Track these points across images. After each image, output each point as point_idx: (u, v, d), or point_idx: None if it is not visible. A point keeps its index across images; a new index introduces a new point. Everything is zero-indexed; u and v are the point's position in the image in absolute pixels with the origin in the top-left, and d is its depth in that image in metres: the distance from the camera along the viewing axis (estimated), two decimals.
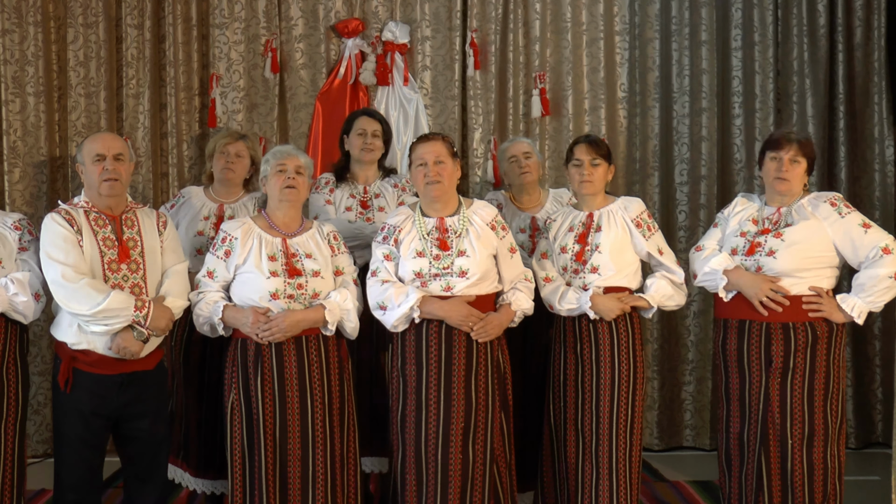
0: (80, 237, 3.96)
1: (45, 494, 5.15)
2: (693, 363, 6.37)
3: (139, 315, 3.91)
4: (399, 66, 6.26)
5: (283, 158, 4.15)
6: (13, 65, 6.09)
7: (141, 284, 4.04)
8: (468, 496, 4.07)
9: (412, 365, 4.13)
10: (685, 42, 6.37)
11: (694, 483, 5.65)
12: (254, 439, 4.02)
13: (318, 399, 4.06)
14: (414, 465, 4.10)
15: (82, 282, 3.86)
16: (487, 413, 4.11)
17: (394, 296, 4.09)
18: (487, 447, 4.11)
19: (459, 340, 4.10)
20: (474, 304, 4.12)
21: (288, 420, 4.01)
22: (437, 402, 4.07)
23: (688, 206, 6.37)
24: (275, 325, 3.97)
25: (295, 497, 4.02)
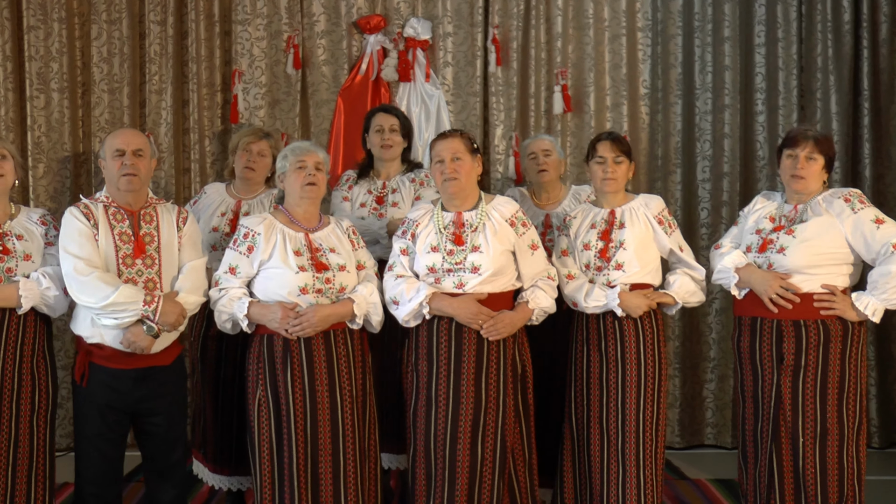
0: (95, 231, 3.98)
1: (67, 488, 5.18)
2: (714, 361, 6.34)
3: (148, 309, 3.92)
4: (421, 63, 6.27)
5: (303, 155, 4.15)
6: (38, 61, 6.14)
7: (155, 279, 4.05)
8: (476, 494, 4.06)
9: (424, 361, 4.14)
10: (708, 38, 6.33)
11: (715, 481, 5.63)
12: (282, 435, 4.01)
13: (346, 393, 4.06)
14: (423, 460, 4.11)
15: (93, 274, 3.89)
16: (498, 412, 4.10)
17: (405, 290, 4.11)
18: (497, 446, 4.09)
19: (469, 338, 4.10)
20: (487, 301, 4.11)
21: (318, 415, 4.00)
22: (446, 399, 4.07)
23: (710, 203, 6.34)
24: (305, 320, 3.97)
25: (327, 491, 4.02)
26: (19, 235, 4.06)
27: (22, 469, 4.01)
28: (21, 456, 4.01)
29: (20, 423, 4.00)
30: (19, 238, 4.05)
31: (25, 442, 4.01)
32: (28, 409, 4.02)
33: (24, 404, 4.01)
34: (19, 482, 4.01)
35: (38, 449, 4.06)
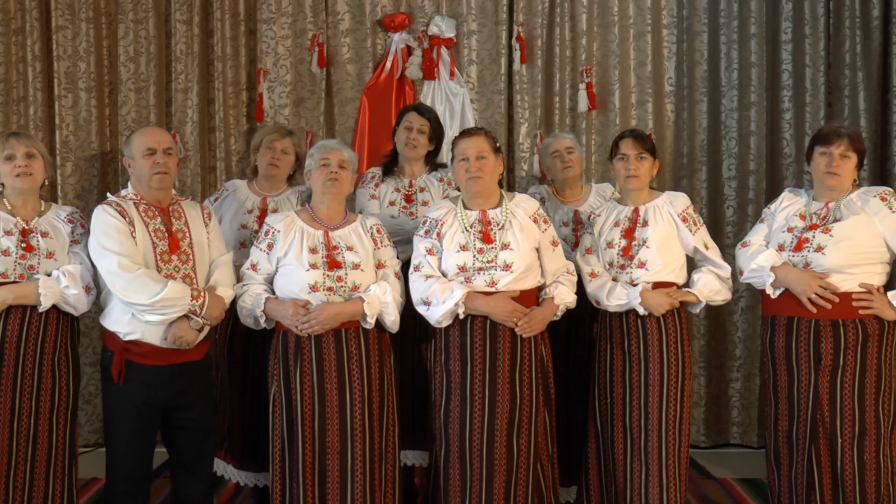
0: (132, 228, 4.00)
1: (96, 483, 5.22)
2: (741, 360, 6.31)
3: (195, 304, 3.96)
4: (445, 61, 6.27)
5: (327, 152, 4.17)
6: (66, 60, 6.20)
7: (191, 275, 4.08)
8: (513, 490, 4.07)
9: (456, 361, 4.13)
10: (734, 35, 6.30)
11: (741, 481, 5.60)
12: (293, 431, 4.04)
13: (357, 392, 4.05)
14: (458, 460, 4.10)
15: (139, 271, 3.90)
16: (532, 408, 4.11)
17: (438, 291, 4.09)
18: (532, 442, 4.10)
19: (504, 336, 4.09)
20: (518, 299, 4.11)
21: (327, 412, 4.02)
22: (482, 398, 4.07)
23: (736, 201, 6.31)
24: (313, 318, 3.98)
25: (333, 490, 4.02)
26: (44, 233, 4.08)
27: (40, 465, 4.04)
28: (40, 452, 4.03)
29: (39, 420, 4.02)
30: (44, 235, 4.08)
31: (45, 439, 4.04)
32: (47, 407, 4.04)
33: (44, 401, 4.04)
34: (37, 479, 4.03)
35: (57, 446, 4.09)
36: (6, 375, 3.96)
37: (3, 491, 3.95)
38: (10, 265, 3.98)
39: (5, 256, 3.98)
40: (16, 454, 3.98)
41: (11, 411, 3.97)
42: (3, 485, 3.95)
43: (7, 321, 3.97)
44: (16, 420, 3.97)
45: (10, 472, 3.97)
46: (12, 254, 3.99)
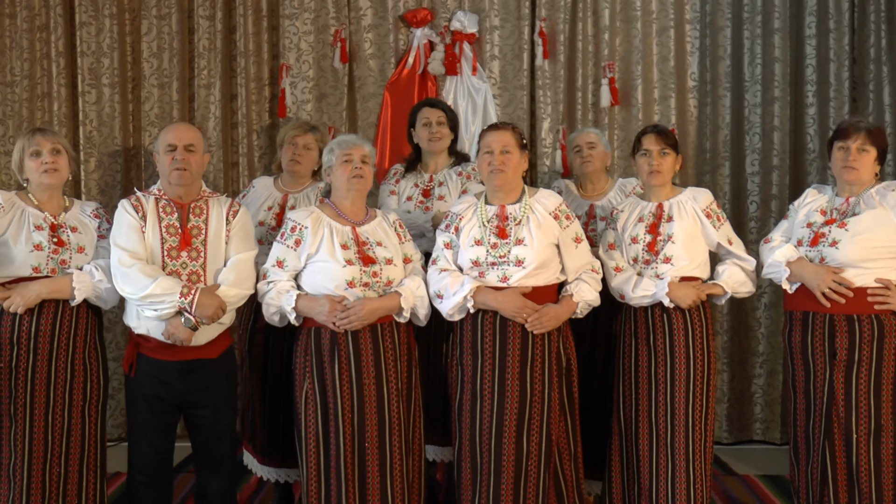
0: (143, 224, 4.03)
1: (120, 477, 5.24)
2: (764, 356, 6.28)
3: (184, 301, 3.94)
4: (468, 56, 6.26)
5: (349, 148, 4.16)
6: (89, 56, 6.23)
7: (200, 272, 4.08)
8: (521, 487, 4.06)
9: (468, 355, 4.14)
10: (757, 30, 6.27)
11: (764, 477, 5.58)
12: (329, 428, 4.02)
13: (393, 386, 4.06)
14: (469, 454, 4.11)
15: (135, 266, 3.94)
16: (543, 405, 4.08)
17: (450, 284, 4.10)
18: (543, 439, 4.08)
19: (514, 332, 4.08)
20: (531, 295, 4.09)
21: (366, 408, 4.01)
22: (491, 393, 4.07)
23: (759, 196, 6.28)
24: (352, 314, 3.98)
25: (374, 484, 4.03)
26: (73, 228, 4.12)
27: (74, 458, 4.09)
28: (73, 445, 4.08)
29: (72, 413, 4.07)
30: (73, 230, 4.11)
31: (78, 431, 4.09)
32: (80, 400, 4.09)
33: (77, 394, 4.08)
34: (72, 470, 4.08)
35: (89, 438, 4.13)
36: (40, 370, 4.00)
37: (39, 484, 3.99)
38: (43, 260, 4.01)
39: (38, 251, 4.01)
40: (51, 447, 4.02)
41: (46, 405, 4.01)
42: (40, 478, 3.99)
43: (40, 316, 4.01)
44: (50, 414, 4.02)
45: (45, 465, 4.01)
46: (45, 248, 4.02)
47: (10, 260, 4.00)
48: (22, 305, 3.95)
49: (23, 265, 3.99)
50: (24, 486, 3.97)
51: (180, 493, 5.04)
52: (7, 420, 3.98)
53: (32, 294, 3.96)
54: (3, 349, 3.99)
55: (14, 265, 4.00)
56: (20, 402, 3.98)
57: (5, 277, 4.01)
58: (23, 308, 3.95)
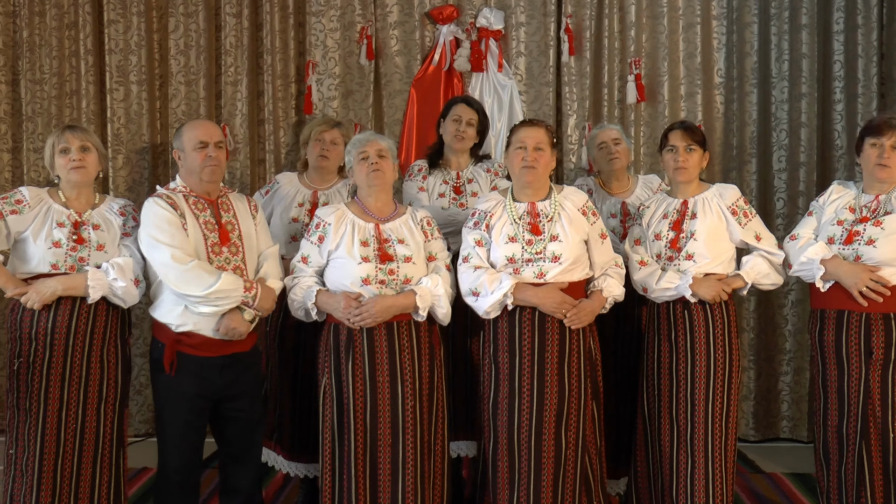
0: (183, 220, 4.04)
1: (146, 472, 5.28)
2: (791, 353, 6.26)
3: (248, 296, 3.99)
4: (493, 53, 6.27)
5: (364, 146, 4.17)
6: (117, 54, 6.27)
7: (242, 267, 4.11)
8: (560, 482, 4.06)
9: (505, 352, 4.13)
10: (784, 26, 6.24)
11: (791, 475, 5.56)
12: (344, 423, 4.04)
13: (408, 385, 4.06)
14: (507, 452, 4.10)
15: (192, 263, 3.93)
16: (580, 400, 4.09)
17: (487, 282, 4.09)
18: (580, 434, 4.09)
19: (552, 328, 4.08)
20: (566, 290, 4.09)
21: (378, 405, 4.02)
22: (530, 390, 4.06)
23: (786, 193, 6.25)
24: (366, 311, 3.98)
25: (385, 482, 4.03)
26: (96, 225, 4.13)
27: (87, 455, 4.08)
28: (87, 442, 4.07)
29: (87, 411, 4.06)
30: (96, 228, 4.12)
31: (92, 429, 4.08)
32: (95, 397, 4.08)
33: (92, 392, 4.08)
34: (84, 468, 4.08)
35: (104, 437, 4.13)
36: (55, 366, 4.01)
37: (50, 480, 3.99)
38: (61, 256, 4.02)
39: (57, 248, 4.02)
40: (63, 444, 4.02)
41: (60, 401, 4.01)
42: (51, 474, 4.00)
43: (57, 312, 4.02)
44: (64, 410, 4.02)
45: (57, 461, 4.01)
46: (63, 245, 4.03)
47: (30, 257, 4.03)
48: (38, 301, 3.96)
49: (41, 262, 4.01)
50: (35, 481, 3.97)
51: (205, 490, 5.06)
52: (23, 415, 4.00)
53: (48, 290, 3.97)
54: (22, 344, 4.01)
55: (33, 262, 4.02)
56: (35, 398, 3.99)
57: (26, 274, 4.04)
58: (39, 304, 3.97)
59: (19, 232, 4.02)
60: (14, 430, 4.03)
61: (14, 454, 4.03)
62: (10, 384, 4.04)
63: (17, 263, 4.05)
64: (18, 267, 4.04)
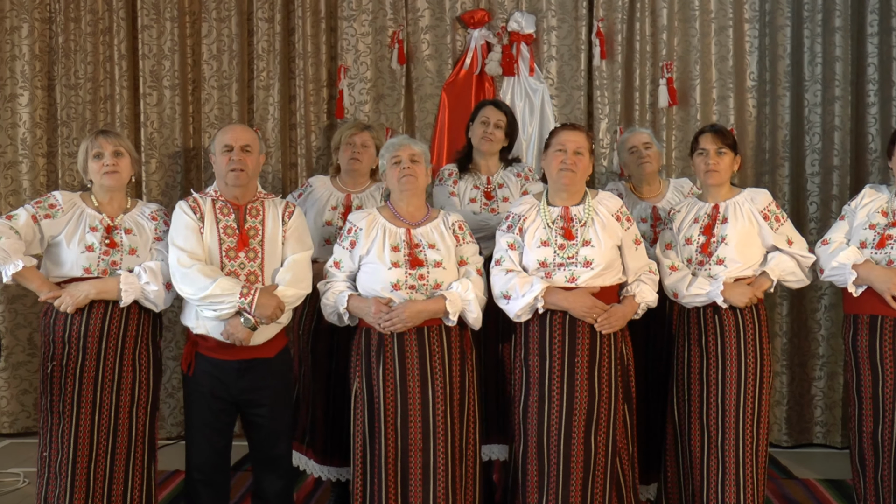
0: (201, 225, 4.08)
1: (178, 475, 5.31)
2: (824, 358, 6.21)
3: (244, 301, 3.98)
4: (525, 57, 6.26)
5: (397, 150, 4.18)
6: (151, 59, 6.32)
7: (257, 272, 4.12)
8: (590, 488, 4.05)
9: (535, 356, 4.12)
10: (818, 29, 6.19)
11: (825, 481, 5.51)
12: (375, 428, 4.05)
13: (439, 389, 4.06)
14: (536, 456, 4.09)
15: (194, 266, 3.99)
16: (611, 405, 4.08)
17: (518, 285, 4.09)
18: (610, 439, 4.08)
19: (583, 332, 4.07)
20: (598, 295, 4.08)
21: (409, 410, 4.02)
22: (560, 394, 4.05)
23: (819, 197, 6.20)
24: (396, 316, 3.99)
25: (416, 487, 4.03)
26: (128, 230, 4.17)
27: (120, 458, 4.12)
28: (120, 445, 4.12)
29: (119, 413, 4.11)
30: (128, 232, 4.16)
31: (125, 432, 4.12)
32: (128, 400, 4.13)
33: (125, 395, 4.12)
34: (117, 470, 4.12)
35: (136, 439, 4.17)
36: (88, 369, 4.05)
37: (83, 483, 4.04)
38: (93, 260, 4.07)
39: (89, 252, 4.07)
40: (97, 447, 4.06)
41: (93, 404, 4.06)
42: (84, 477, 4.04)
43: (89, 316, 4.06)
44: (97, 413, 4.06)
45: (91, 464, 4.05)
46: (96, 249, 4.08)
47: (63, 261, 4.08)
48: (71, 305, 4.00)
49: (74, 266, 4.06)
50: (69, 483, 4.02)
51: (237, 493, 5.09)
52: (56, 418, 4.04)
53: (81, 294, 4.01)
54: (55, 347, 4.06)
55: (66, 266, 4.07)
56: (68, 401, 4.04)
57: (59, 277, 4.09)
58: (72, 307, 4.01)
59: (53, 236, 4.07)
60: (47, 433, 4.08)
61: (48, 457, 4.08)
62: (44, 387, 4.09)
63: (50, 267, 4.10)
64: (51, 271, 4.09)
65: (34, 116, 6.38)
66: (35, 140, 6.39)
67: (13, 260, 3.93)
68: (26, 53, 6.34)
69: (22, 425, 6.44)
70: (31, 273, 4.01)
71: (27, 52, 6.34)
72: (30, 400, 6.40)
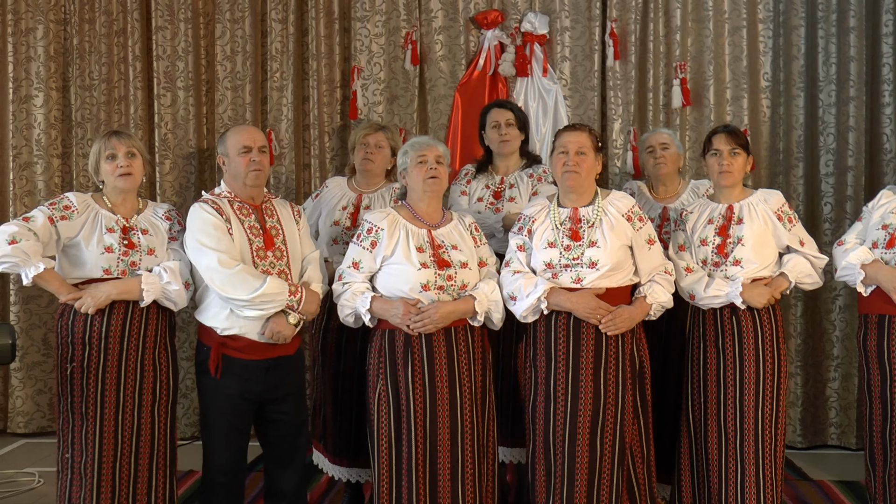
0: (228, 225, 4.07)
1: (192, 476, 5.32)
2: (838, 359, 6.19)
3: (293, 300, 4.03)
4: (538, 57, 6.26)
5: (423, 149, 4.17)
6: (165, 60, 6.34)
7: (286, 271, 4.15)
8: (595, 490, 4.04)
9: (542, 356, 4.13)
10: (832, 28, 6.17)
11: (839, 483, 5.49)
12: (401, 429, 4.04)
13: (466, 389, 4.06)
14: (542, 456, 4.10)
15: (238, 267, 3.97)
16: (617, 407, 4.06)
17: (523, 286, 4.09)
18: (616, 442, 4.06)
19: (588, 333, 4.06)
20: (605, 296, 4.07)
21: (438, 410, 4.02)
22: (564, 395, 4.05)
23: (833, 197, 6.19)
24: (426, 317, 3.98)
25: (444, 486, 4.03)
26: (144, 230, 4.17)
27: (144, 457, 4.14)
28: (143, 444, 4.13)
29: (142, 413, 4.12)
30: (144, 233, 4.17)
31: (147, 431, 4.14)
32: (150, 400, 4.14)
33: (146, 395, 4.14)
34: (141, 470, 4.14)
35: (159, 438, 4.19)
36: (110, 369, 4.06)
37: (109, 482, 4.06)
38: (113, 262, 4.07)
39: (109, 253, 4.07)
40: (121, 447, 4.08)
41: (116, 404, 4.07)
42: (110, 476, 4.06)
43: (110, 316, 4.07)
44: (120, 413, 4.07)
45: (115, 464, 4.07)
46: (115, 250, 4.08)
47: (83, 262, 4.08)
48: (92, 306, 4.01)
49: (94, 267, 4.07)
50: (95, 483, 4.04)
51: (250, 494, 5.10)
52: (79, 419, 4.06)
53: (102, 295, 4.02)
54: (75, 349, 4.06)
55: (86, 267, 4.07)
56: (91, 401, 4.05)
57: (78, 279, 4.09)
58: (93, 308, 4.02)
59: (69, 238, 4.07)
60: (69, 434, 4.09)
61: (70, 458, 4.08)
62: (63, 389, 4.10)
63: (67, 269, 4.11)
64: (70, 272, 4.09)
65: (49, 117, 6.41)
66: (50, 141, 6.42)
67: (34, 262, 3.94)
68: (41, 55, 6.37)
69: (37, 425, 6.47)
70: (51, 275, 4.01)
71: (42, 54, 6.37)
72: (44, 400, 6.43)
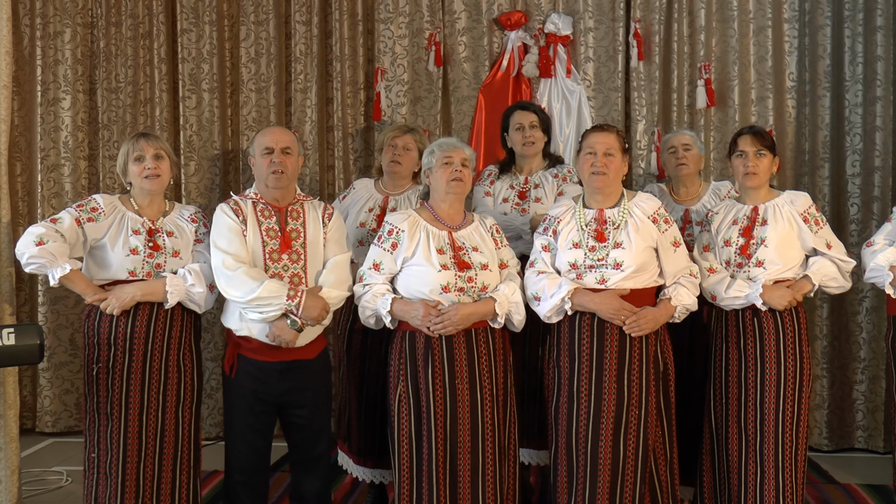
0: (244, 227, 4.10)
1: (217, 475, 5.35)
2: (865, 361, 6.13)
3: (291, 304, 4.01)
4: (562, 58, 6.25)
5: (449, 151, 4.17)
6: (190, 62, 6.38)
7: (301, 274, 4.15)
8: (618, 491, 4.02)
9: (566, 357, 4.12)
10: (859, 28, 6.12)
11: (866, 487, 5.44)
12: (422, 431, 4.04)
13: (486, 391, 4.06)
14: (565, 457, 4.09)
15: (240, 269, 4.01)
16: (641, 409, 4.05)
17: (547, 287, 4.09)
18: (640, 443, 4.05)
19: (612, 334, 4.05)
20: (629, 297, 4.06)
21: (458, 412, 4.02)
22: (588, 396, 4.04)
23: (860, 198, 6.13)
24: (447, 319, 3.98)
25: (465, 489, 4.03)
26: (170, 232, 4.21)
27: (167, 457, 4.18)
28: (167, 445, 4.17)
29: (166, 414, 4.16)
30: (170, 235, 4.20)
31: (171, 431, 4.18)
32: (174, 400, 4.18)
33: (170, 395, 4.17)
34: (165, 469, 4.17)
35: (182, 438, 4.22)
36: (135, 370, 4.10)
37: (133, 483, 4.10)
38: (138, 263, 4.11)
39: (134, 255, 4.11)
40: (145, 447, 4.11)
41: (140, 405, 4.11)
42: (134, 476, 4.10)
43: (135, 318, 4.10)
44: (144, 414, 4.11)
45: (140, 464, 4.11)
46: (140, 253, 4.12)
47: (108, 264, 4.12)
48: (117, 307, 4.05)
49: (119, 269, 4.10)
50: (119, 483, 4.08)
51: (275, 493, 5.11)
52: (104, 419, 4.10)
53: (127, 296, 4.06)
54: (100, 350, 4.10)
55: (111, 269, 4.11)
56: (116, 402, 4.09)
57: (104, 280, 4.13)
58: (118, 310, 4.05)
59: (96, 239, 4.11)
60: (95, 434, 4.13)
61: (96, 458, 4.13)
62: (89, 389, 4.14)
63: (93, 270, 4.15)
64: (96, 274, 4.14)
65: (76, 120, 6.46)
66: (77, 143, 6.47)
67: (60, 263, 3.98)
68: (69, 58, 6.43)
69: (64, 424, 6.52)
70: (77, 276, 4.06)
71: (69, 57, 6.43)
72: (72, 399, 6.49)
